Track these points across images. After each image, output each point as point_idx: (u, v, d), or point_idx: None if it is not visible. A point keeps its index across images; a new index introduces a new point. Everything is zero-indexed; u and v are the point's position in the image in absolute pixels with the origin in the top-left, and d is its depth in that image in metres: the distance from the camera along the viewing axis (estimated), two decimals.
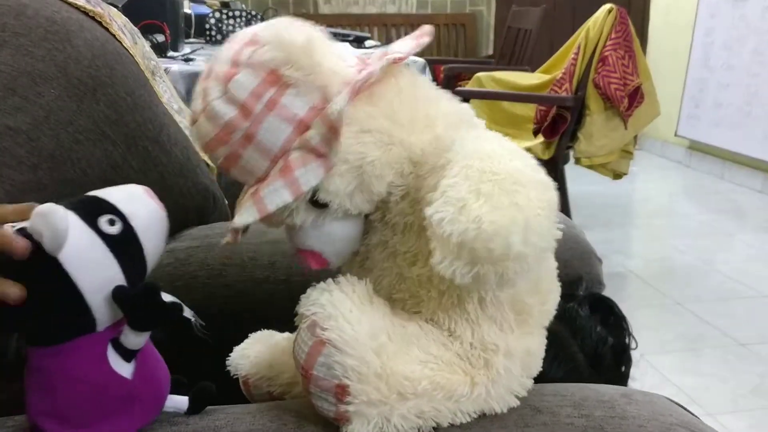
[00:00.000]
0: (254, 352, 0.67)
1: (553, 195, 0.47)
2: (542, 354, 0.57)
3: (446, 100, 0.56)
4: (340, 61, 0.53)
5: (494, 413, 0.53)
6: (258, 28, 0.53)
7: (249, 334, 0.71)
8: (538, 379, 0.66)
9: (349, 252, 0.56)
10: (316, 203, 0.52)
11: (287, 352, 0.66)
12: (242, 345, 0.68)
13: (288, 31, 0.52)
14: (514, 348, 0.53)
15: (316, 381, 0.49)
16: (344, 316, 0.49)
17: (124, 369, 0.49)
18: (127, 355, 0.49)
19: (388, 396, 0.48)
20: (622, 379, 0.86)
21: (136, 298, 0.47)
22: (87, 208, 0.48)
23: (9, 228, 0.46)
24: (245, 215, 0.50)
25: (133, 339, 0.49)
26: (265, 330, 0.70)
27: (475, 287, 0.46)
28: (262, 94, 0.50)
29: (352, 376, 0.48)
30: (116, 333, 0.49)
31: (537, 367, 0.57)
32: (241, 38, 0.53)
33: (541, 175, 0.47)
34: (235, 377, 0.68)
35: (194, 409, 0.55)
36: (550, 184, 0.47)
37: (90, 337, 0.48)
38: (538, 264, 0.47)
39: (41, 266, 0.45)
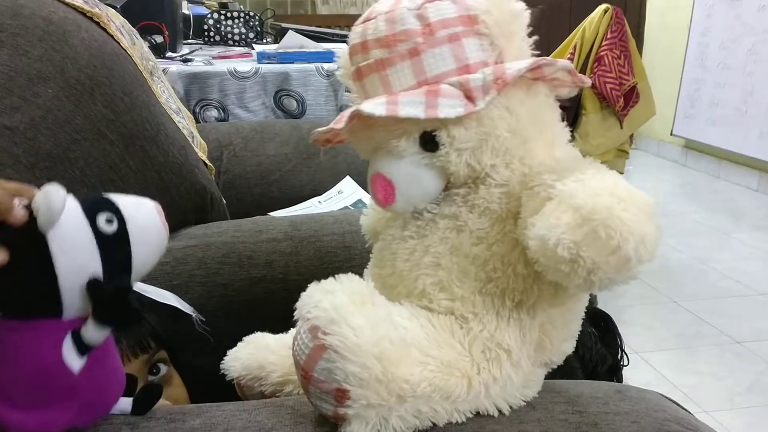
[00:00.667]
0: (245, 354, 0.68)
1: (662, 233, 0.48)
2: (538, 388, 0.58)
3: (566, 133, 0.59)
4: (526, 43, 0.56)
5: (487, 413, 0.53)
6: None
7: (246, 332, 0.71)
8: None
9: (416, 204, 0.56)
10: (427, 142, 0.53)
11: (277, 353, 0.66)
12: (235, 348, 0.69)
13: None
14: (523, 363, 0.54)
15: (316, 383, 0.49)
16: (347, 321, 0.48)
17: (75, 362, 0.49)
18: (82, 348, 0.49)
19: (388, 399, 0.49)
20: None
21: (107, 292, 0.48)
22: (92, 202, 0.49)
23: (16, 200, 0.47)
24: (374, 107, 0.51)
25: (93, 333, 0.49)
26: (258, 333, 0.71)
27: (564, 268, 0.46)
28: (451, 26, 0.53)
29: (353, 381, 0.48)
30: (79, 326, 0.49)
31: (532, 393, 0.57)
32: None
33: (657, 218, 0.49)
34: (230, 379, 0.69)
35: (138, 410, 0.54)
36: (661, 224, 0.48)
37: (52, 322, 0.48)
38: (613, 286, 0.48)
39: (29, 238, 0.46)
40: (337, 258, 0.90)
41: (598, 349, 0.86)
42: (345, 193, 1.36)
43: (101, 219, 0.48)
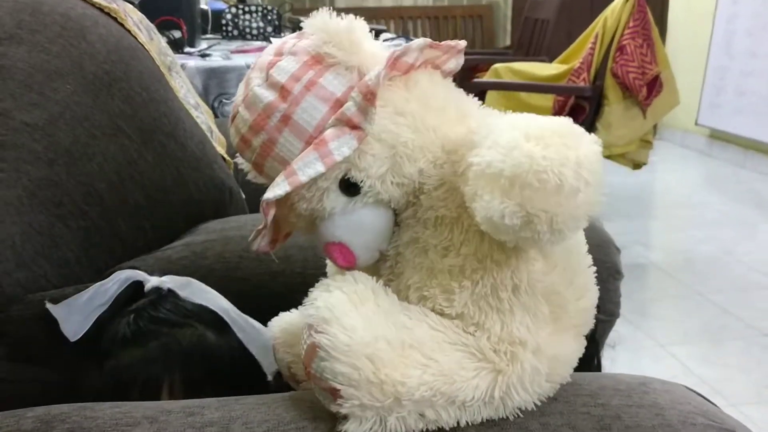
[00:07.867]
0: (288, 318, 0.67)
1: (598, 147, 0.47)
2: (574, 361, 0.55)
3: (474, 100, 0.57)
4: (378, 45, 0.55)
5: (504, 416, 0.52)
6: (304, 24, 0.55)
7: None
8: None
9: (377, 247, 0.55)
10: (348, 188, 0.52)
11: None
12: (289, 311, 0.69)
13: (331, 18, 0.53)
14: (543, 345, 0.52)
15: (314, 379, 0.49)
16: (339, 320, 0.48)
17: None
18: None
19: (383, 401, 0.48)
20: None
21: None
22: None
23: None
24: (276, 188, 0.50)
25: None
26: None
27: (526, 234, 0.46)
28: (302, 76, 0.52)
29: (342, 381, 0.47)
30: None
31: (564, 373, 0.55)
32: (289, 35, 0.55)
33: (583, 131, 0.47)
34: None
35: None
36: (593, 138, 0.47)
37: None
38: (582, 222, 0.46)
39: None
40: None
41: None
42: None
43: None
